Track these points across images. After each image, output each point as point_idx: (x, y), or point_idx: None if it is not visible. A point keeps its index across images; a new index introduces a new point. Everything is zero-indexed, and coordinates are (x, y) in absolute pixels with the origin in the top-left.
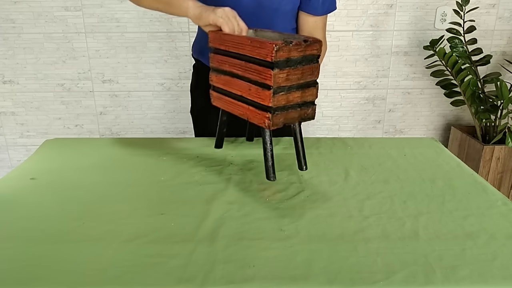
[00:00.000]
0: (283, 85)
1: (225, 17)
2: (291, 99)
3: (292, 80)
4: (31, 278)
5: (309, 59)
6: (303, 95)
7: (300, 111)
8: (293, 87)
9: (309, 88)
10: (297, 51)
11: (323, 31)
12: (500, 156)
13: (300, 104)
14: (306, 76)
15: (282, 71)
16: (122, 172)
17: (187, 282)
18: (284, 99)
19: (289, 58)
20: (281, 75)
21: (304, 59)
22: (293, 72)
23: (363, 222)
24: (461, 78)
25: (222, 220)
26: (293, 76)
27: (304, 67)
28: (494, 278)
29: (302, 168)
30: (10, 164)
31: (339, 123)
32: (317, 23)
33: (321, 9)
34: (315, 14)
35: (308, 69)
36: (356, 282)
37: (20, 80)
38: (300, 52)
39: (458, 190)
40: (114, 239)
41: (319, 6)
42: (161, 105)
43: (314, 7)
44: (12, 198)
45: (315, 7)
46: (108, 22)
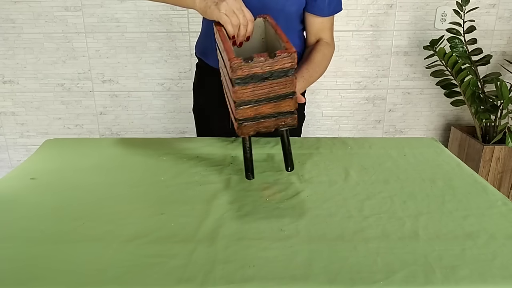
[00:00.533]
0: (249, 99)
1: (229, 11)
2: (262, 110)
3: (260, 95)
4: (31, 278)
5: (279, 73)
6: (276, 106)
7: (276, 120)
8: (262, 101)
9: (284, 100)
10: (261, 67)
11: (331, 32)
12: (500, 156)
13: (274, 114)
14: (277, 90)
15: (244, 87)
16: (122, 172)
17: (187, 282)
18: (253, 111)
19: (253, 75)
20: (244, 91)
21: (272, 74)
22: (260, 86)
23: (363, 222)
24: (461, 78)
25: (222, 220)
26: (260, 91)
27: (273, 81)
28: (494, 278)
29: (287, 169)
30: (10, 164)
31: (339, 123)
32: (324, 24)
33: (327, 10)
34: (322, 15)
35: (278, 83)
36: (356, 282)
37: (20, 80)
38: (266, 67)
39: (458, 190)
40: (114, 239)
41: (325, 7)
42: (161, 105)
43: (320, 8)
44: (12, 198)
45: (321, 8)
46: (108, 22)
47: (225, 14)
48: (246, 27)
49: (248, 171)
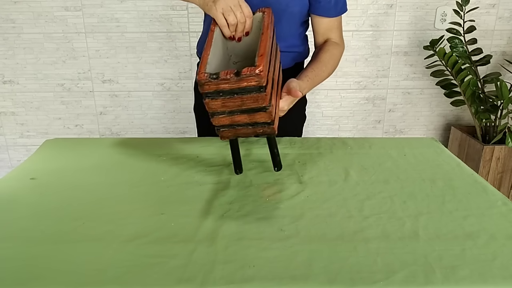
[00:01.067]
0: (221, 110)
1: (225, 8)
2: (238, 120)
3: (232, 107)
4: (31, 278)
5: (247, 90)
6: (251, 117)
7: (254, 129)
8: (235, 111)
9: (258, 112)
10: (227, 84)
11: (339, 31)
12: (500, 156)
13: (250, 123)
14: (248, 104)
15: (215, 100)
16: (122, 172)
17: (187, 282)
18: (228, 120)
19: (221, 90)
20: (215, 103)
21: (241, 91)
22: (229, 100)
23: (363, 222)
24: (461, 78)
25: (222, 220)
26: (231, 103)
27: (243, 96)
28: (494, 278)
29: (274, 168)
30: (10, 164)
31: (339, 123)
32: (331, 24)
33: (334, 10)
34: (328, 16)
35: (249, 98)
36: (356, 282)
37: (20, 80)
38: (232, 85)
39: (458, 190)
40: (114, 239)
41: (332, 8)
42: (161, 105)
43: (326, 9)
44: (12, 198)
45: (326, 9)
46: (108, 22)
47: (221, 13)
48: (244, 24)
49: (236, 168)
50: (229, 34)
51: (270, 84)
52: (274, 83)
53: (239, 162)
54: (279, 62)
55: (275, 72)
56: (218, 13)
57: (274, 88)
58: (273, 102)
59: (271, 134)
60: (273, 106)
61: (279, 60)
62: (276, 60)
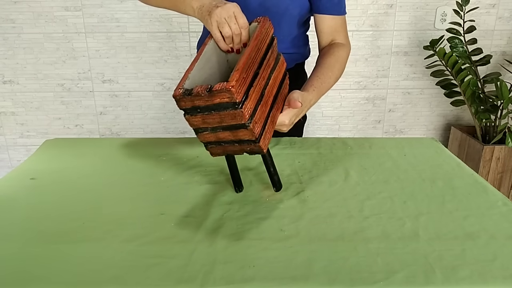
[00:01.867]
0: (203, 127)
1: (220, 21)
2: (222, 137)
3: (213, 123)
4: (31, 278)
5: (223, 106)
6: (235, 134)
7: (240, 146)
8: (218, 128)
9: (240, 129)
10: (201, 100)
11: (344, 31)
12: (500, 156)
13: (236, 141)
14: (227, 121)
15: (194, 117)
16: (122, 172)
17: (187, 283)
18: (213, 136)
19: (197, 106)
20: (195, 119)
21: (217, 107)
22: (208, 117)
23: (363, 222)
24: (461, 78)
25: (222, 220)
26: (211, 120)
27: (221, 113)
28: (494, 278)
29: (274, 189)
30: (10, 164)
31: (339, 123)
32: (336, 22)
33: (337, 8)
34: (332, 13)
35: (227, 114)
36: (356, 282)
37: (20, 80)
38: (206, 101)
39: (458, 190)
40: (114, 239)
41: (335, 5)
42: (161, 105)
43: (326, 7)
44: (12, 198)
45: (327, 7)
46: (108, 22)
47: (216, 27)
48: (240, 36)
49: (235, 186)
50: (226, 48)
51: (252, 99)
52: (266, 97)
53: (238, 179)
54: (283, 73)
55: (268, 86)
56: (213, 27)
57: (265, 102)
58: (257, 118)
59: (259, 152)
60: (257, 123)
61: (281, 72)
62: (273, 72)
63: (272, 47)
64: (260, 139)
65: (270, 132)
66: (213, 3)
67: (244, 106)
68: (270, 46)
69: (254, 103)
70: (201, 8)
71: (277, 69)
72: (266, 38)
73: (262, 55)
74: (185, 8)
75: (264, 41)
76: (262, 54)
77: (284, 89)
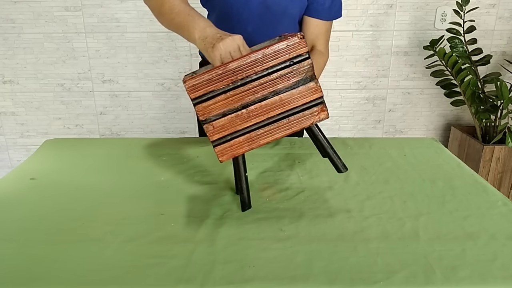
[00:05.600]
0: None
1: (225, 56)
2: None
3: None
4: (31, 278)
5: None
6: None
7: None
8: None
9: None
10: None
11: (326, 39)
12: (500, 156)
13: None
14: None
15: None
16: (122, 172)
17: (187, 283)
18: None
19: None
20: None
21: None
22: None
23: (363, 222)
24: (461, 78)
25: (222, 220)
26: None
27: None
28: (495, 278)
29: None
30: (10, 164)
31: (339, 123)
32: (320, 28)
33: (327, 13)
34: (320, 18)
35: None
36: (356, 282)
37: (20, 80)
38: None
39: (458, 191)
40: (114, 239)
41: (325, 10)
42: (161, 105)
43: (318, 11)
44: (12, 198)
45: (318, 11)
46: (108, 22)
47: (220, 61)
48: None
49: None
50: None
51: (219, 105)
52: (245, 114)
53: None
54: None
55: (253, 108)
56: (215, 61)
57: (241, 117)
58: (219, 124)
59: None
60: (218, 129)
61: None
62: None
63: None
64: (217, 146)
65: (240, 147)
66: (217, 35)
67: (200, 105)
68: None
69: (220, 109)
70: (204, 40)
71: None
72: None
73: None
74: (188, 36)
75: (267, 60)
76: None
77: None
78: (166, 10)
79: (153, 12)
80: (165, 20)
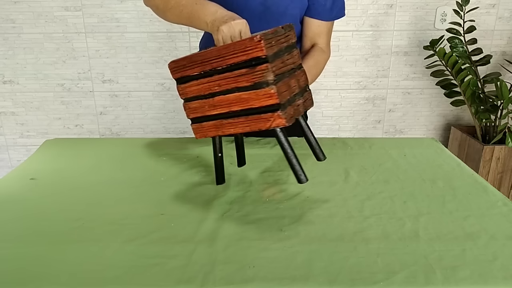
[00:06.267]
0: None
1: (226, 40)
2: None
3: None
4: (31, 278)
5: None
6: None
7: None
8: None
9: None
10: None
11: (327, 37)
12: (500, 156)
13: (300, 92)
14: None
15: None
16: (122, 172)
17: (187, 283)
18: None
19: None
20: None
21: None
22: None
23: (363, 223)
24: (461, 78)
25: (222, 220)
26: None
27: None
28: (495, 278)
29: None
30: (10, 164)
31: (339, 123)
32: (321, 28)
33: (328, 14)
34: (322, 19)
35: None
36: (356, 283)
37: (20, 80)
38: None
39: (459, 191)
40: (113, 239)
41: (326, 11)
42: (161, 105)
43: (318, 12)
44: (12, 198)
45: (319, 12)
46: (108, 22)
47: (220, 41)
48: None
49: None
50: None
51: (192, 88)
52: (214, 101)
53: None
54: None
55: (223, 97)
56: (218, 43)
57: (210, 104)
58: (192, 106)
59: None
60: (192, 110)
61: None
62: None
63: None
64: (193, 124)
65: (208, 131)
66: (224, 18)
67: (180, 85)
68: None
69: (194, 93)
70: (213, 23)
71: None
72: (246, 51)
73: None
74: (199, 24)
75: (241, 52)
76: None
77: None
78: (173, 4)
79: (158, 10)
80: (173, 15)
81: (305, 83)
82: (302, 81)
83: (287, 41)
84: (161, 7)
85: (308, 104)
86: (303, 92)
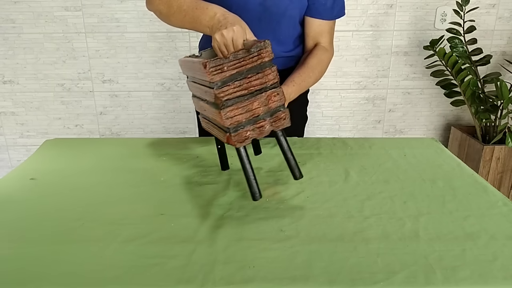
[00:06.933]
0: None
1: (220, 46)
2: None
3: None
4: (31, 278)
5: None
6: None
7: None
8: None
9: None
10: None
11: (330, 36)
12: (500, 156)
13: None
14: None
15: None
16: (122, 172)
17: (187, 283)
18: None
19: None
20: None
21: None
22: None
23: (363, 223)
24: (461, 78)
25: (222, 220)
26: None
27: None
28: (495, 278)
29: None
30: (10, 164)
31: (339, 123)
32: (323, 27)
33: (329, 13)
34: (323, 18)
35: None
36: (356, 283)
37: (20, 80)
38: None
39: (459, 191)
40: (113, 239)
41: (327, 10)
42: (161, 105)
43: (319, 11)
44: (12, 198)
45: (320, 11)
46: (108, 22)
47: (217, 48)
48: None
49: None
50: None
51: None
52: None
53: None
54: None
55: None
56: (214, 45)
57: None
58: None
59: None
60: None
61: None
62: None
63: None
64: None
65: None
66: (219, 24)
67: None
68: None
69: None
70: (211, 29)
71: None
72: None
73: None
74: (203, 29)
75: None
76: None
77: None
78: (175, 10)
79: (161, 15)
80: (177, 20)
81: (279, 103)
82: (273, 101)
83: (254, 62)
84: (164, 12)
85: (281, 124)
86: (273, 113)
